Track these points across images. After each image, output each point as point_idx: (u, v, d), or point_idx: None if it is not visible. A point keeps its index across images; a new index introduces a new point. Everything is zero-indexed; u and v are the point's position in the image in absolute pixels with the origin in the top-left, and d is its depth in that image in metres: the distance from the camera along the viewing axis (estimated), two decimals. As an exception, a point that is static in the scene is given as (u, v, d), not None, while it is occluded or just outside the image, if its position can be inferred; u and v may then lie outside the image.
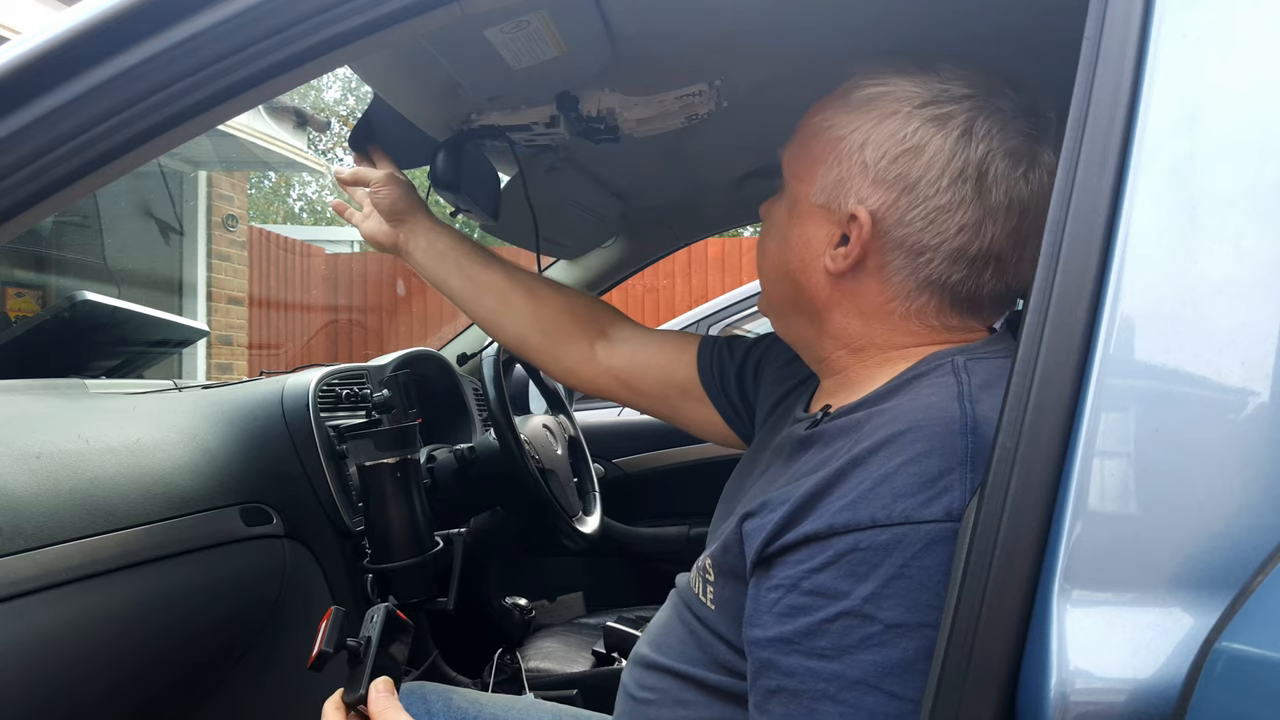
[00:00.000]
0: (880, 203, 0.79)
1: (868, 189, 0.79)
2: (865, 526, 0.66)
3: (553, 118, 1.18)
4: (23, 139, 0.71)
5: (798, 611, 0.68)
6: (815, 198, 0.83)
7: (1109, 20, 0.60)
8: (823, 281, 0.83)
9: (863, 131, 0.80)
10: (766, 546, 0.72)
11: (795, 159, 0.88)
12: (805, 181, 0.85)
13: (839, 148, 0.81)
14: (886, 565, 0.65)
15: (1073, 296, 0.58)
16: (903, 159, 0.78)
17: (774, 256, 0.89)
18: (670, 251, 2.28)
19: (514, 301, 1.18)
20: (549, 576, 2.34)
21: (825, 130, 0.84)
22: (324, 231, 13.41)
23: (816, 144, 0.84)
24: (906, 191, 0.78)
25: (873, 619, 0.65)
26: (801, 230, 0.85)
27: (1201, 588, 0.55)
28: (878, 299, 0.81)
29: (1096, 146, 0.59)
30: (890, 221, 0.79)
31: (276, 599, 1.31)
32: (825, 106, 0.86)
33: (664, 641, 0.88)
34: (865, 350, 0.84)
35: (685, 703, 0.83)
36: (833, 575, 0.67)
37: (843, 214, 0.81)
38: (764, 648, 0.70)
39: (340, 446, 1.46)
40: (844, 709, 0.66)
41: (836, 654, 0.66)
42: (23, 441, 1.01)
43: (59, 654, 0.96)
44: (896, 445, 0.69)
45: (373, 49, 0.74)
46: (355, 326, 8.81)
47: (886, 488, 0.67)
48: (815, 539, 0.68)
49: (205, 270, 6.52)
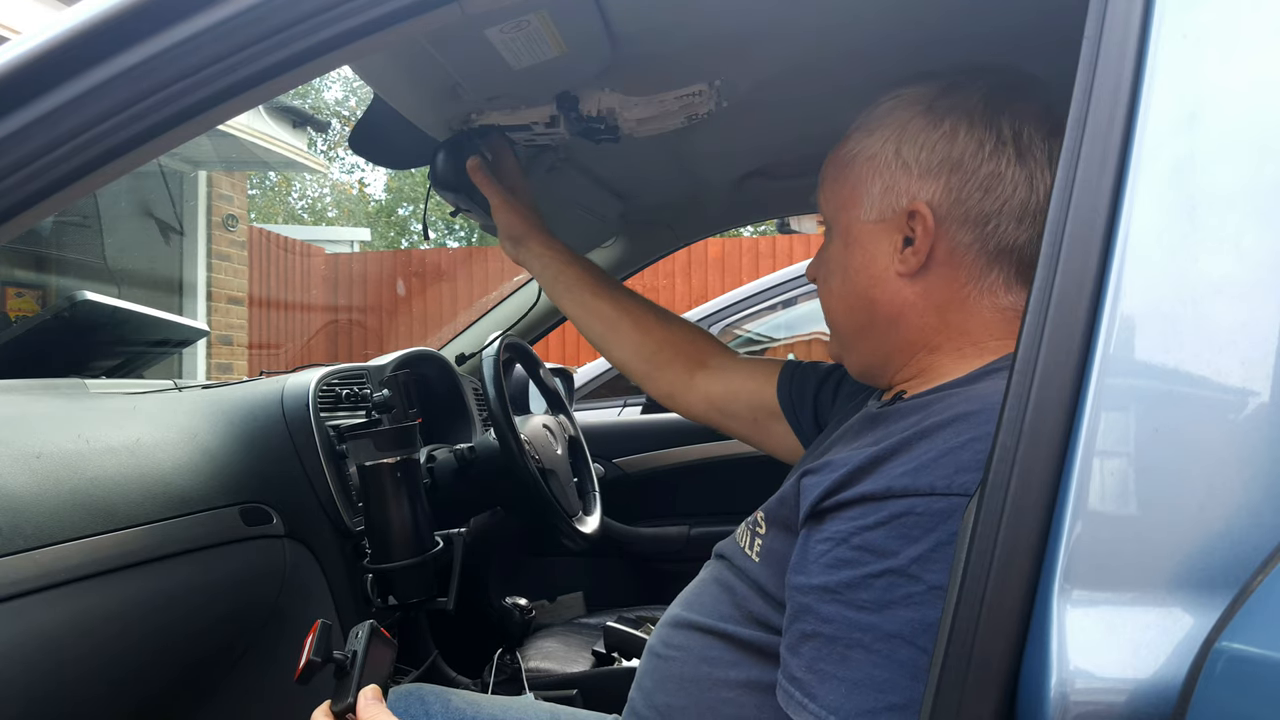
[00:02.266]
0: (933, 191, 0.82)
1: (916, 184, 0.83)
2: (924, 493, 0.69)
3: (553, 118, 1.18)
4: (23, 139, 0.71)
5: (844, 564, 0.70)
6: (867, 216, 0.86)
7: (1109, 20, 0.60)
8: (897, 288, 0.86)
9: (892, 140, 0.84)
10: (822, 500, 0.74)
11: (833, 196, 0.91)
12: (851, 208, 0.88)
13: (874, 164, 0.85)
14: (939, 531, 0.67)
15: (1073, 296, 0.58)
16: (940, 145, 0.82)
17: (839, 290, 0.91)
18: (670, 251, 2.28)
19: (620, 330, 1.25)
20: (549, 576, 2.34)
21: (854, 157, 0.88)
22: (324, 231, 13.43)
23: (850, 173, 0.88)
24: (955, 171, 0.81)
25: (917, 579, 0.67)
26: (862, 251, 0.87)
27: (1201, 588, 0.55)
28: (951, 286, 0.84)
29: (1096, 146, 0.59)
30: (949, 203, 0.82)
31: (276, 599, 1.31)
32: (845, 144, 0.90)
33: (696, 601, 0.90)
34: (942, 347, 0.86)
35: (711, 660, 0.84)
36: (884, 534, 0.69)
37: (899, 217, 0.84)
38: (806, 594, 0.72)
39: (340, 446, 1.46)
40: (876, 658, 0.67)
41: (877, 608, 0.68)
42: (23, 441, 1.01)
43: (59, 654, 0.96)
44: (967, 422, 0.72)
45: (373, 49, 0.75)
46: (355, 326, 8.81)
47: (950, 460, 0.69)
48: (872, 498, 0.71)
49: (205, 270, 6.52)
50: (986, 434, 0.69)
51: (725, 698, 0.82)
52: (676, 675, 0.86)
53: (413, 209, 18.11)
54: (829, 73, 1.22)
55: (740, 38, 1.10)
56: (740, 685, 0.81)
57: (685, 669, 0.86)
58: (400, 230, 18.38)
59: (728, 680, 0.82)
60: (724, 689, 0.82)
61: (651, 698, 0.88)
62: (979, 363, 0.82)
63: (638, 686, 0.91)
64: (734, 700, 0.81)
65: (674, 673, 0.87)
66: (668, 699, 0.86)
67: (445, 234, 15.83)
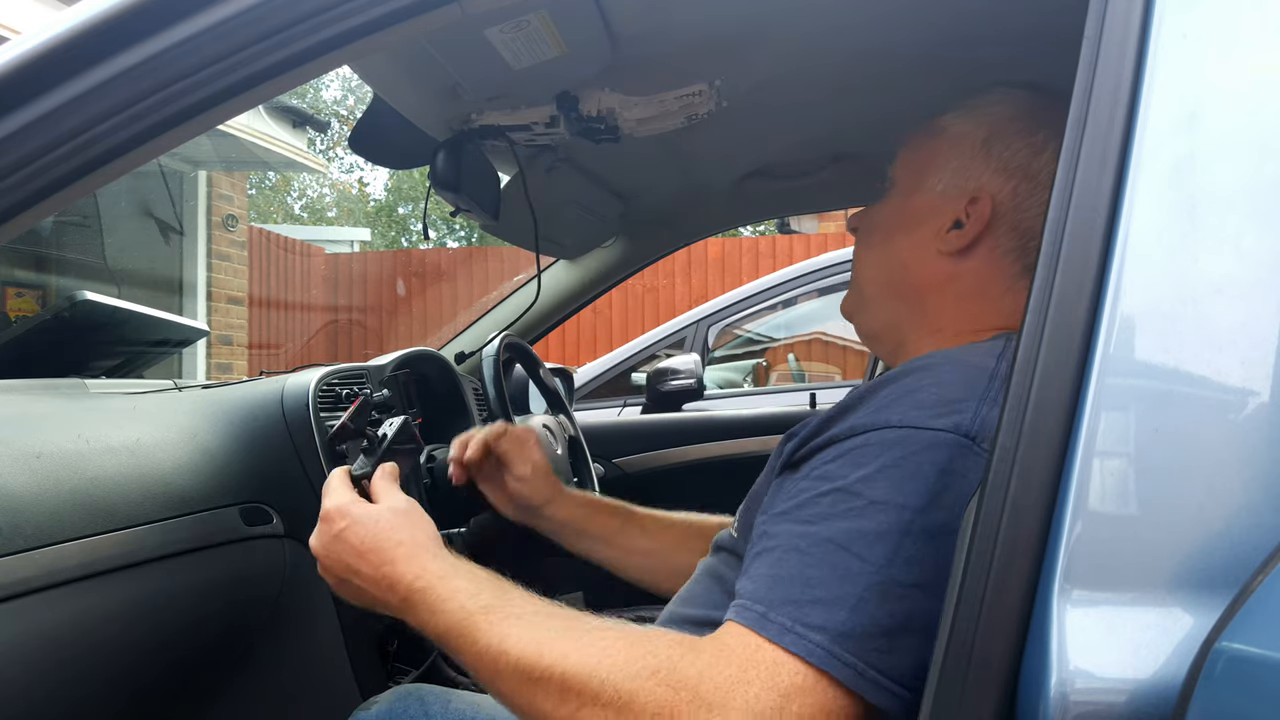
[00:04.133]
0: (1002, 188, 0.85)
1: (990, 175, 0.86)
2: (879, 426, 0.72)
3: (553, 118, 1.18)
4: (24, 138, 0.71)
5: (800, 493, 0.73)
6: (933, 187, 0.89)
7: (1109, 20, 0.60)
8: (932, 262, 0.89)
9: (984, 127, 0.87)
10: (798, 450, 0.77)
11: (909, 159, 0.94)
12: (921, 175, 0.91)
13: (960, 143, 0.88)
14: (885, 456, 0.71)
15: (1073, 296, 0.58)
16: (1024, 152, 0.85)
17: (878, 246, 0.95)
18: (670, 251, 2.28)
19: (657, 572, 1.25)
20: (549, 576, 2.34)
21: (943, 131, 0.91)
22: (324, 231, 13.43)
23: (935, 143, 0.91)
24: (1026, 180, 0.85)
25: (858, 495, 0.70)
26: (914, 218, 0.91)
27: (1201, 588, 0.55)
28: (981, 279, 0.87)
29: (1096, 146, 0.59)
30: (1009, 206, 0.85)
31: (276, 599, 1.31)
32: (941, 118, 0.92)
33: (689, 595, 0.93)
34: (945, 330, 0.89)
35: None
36: (839, 464, 0.73)
37: (960, 199, 0.87)
38: (765, 523, 0.75)
39: (340, 446, 1.46)
40: (807, 559, 0.69)
41: (818, 520, 0.71)
42: (23, 441, 1.01)
43: (59, 654, 0.96)
44: (929, 372, 0.76)
45: (373, 49, 0.75)
46: (355, 326, 8.81)
47: (909, 399, 0.73)
48: (838, 439, 0.74)
49: (205, 270, 6.52)
50: (943, 380, 0.74)
51: None
52: None
53: (413, 209, 18.12)
54: (829, 73, 1.22)
55: (740, 38, 1.10)
56: None
57: None
58: (400, 230, 18.38)
59: None
60: None
61: None
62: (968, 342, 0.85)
63: None
64: None
65: None
66: None
67: (445, 234, 15.84)
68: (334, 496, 0.91)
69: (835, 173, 1.64)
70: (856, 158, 1.57)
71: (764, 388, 5.02)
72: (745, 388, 4.92)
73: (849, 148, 1.53)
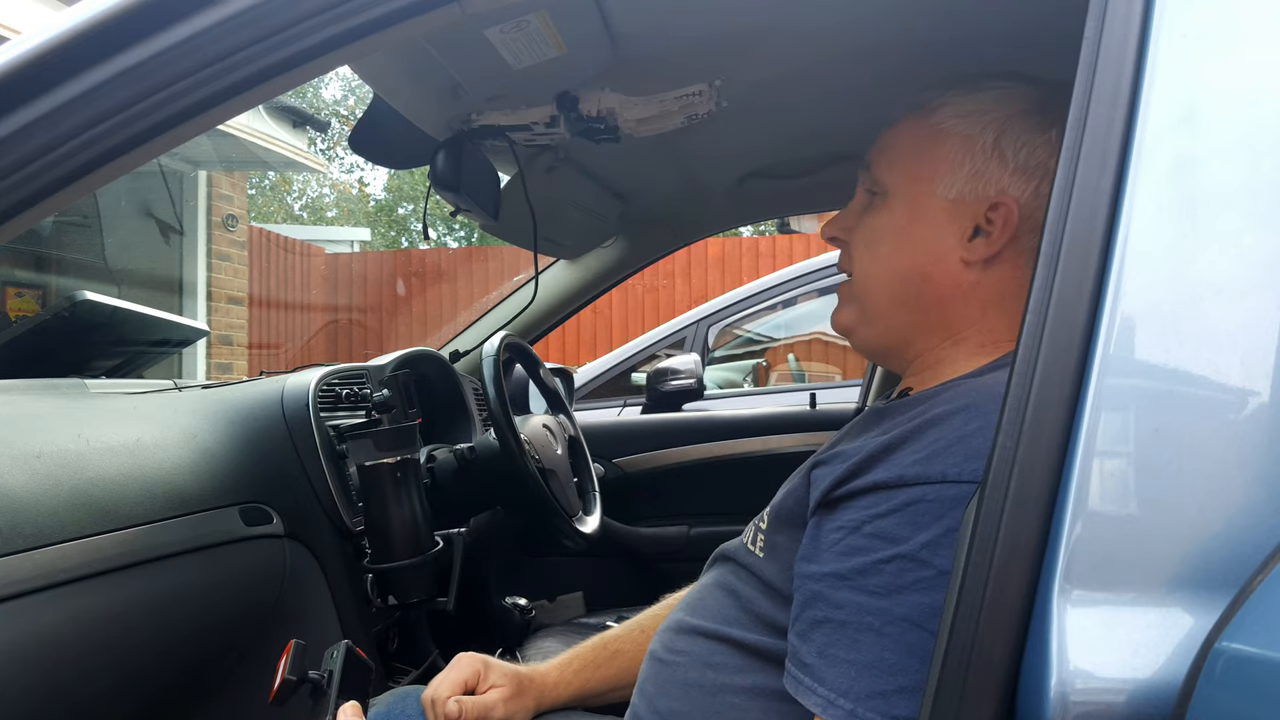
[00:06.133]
0: (1024, 190, 0.82)
1: (1009, 179, 0.83)
2: (935, 480, 0.69)
3: (553, 118, 1.18)
4: (23, 138, 0.71)
5: (856, 551, 0.71)
6: (945, 194, 0.85)
7: (1109, 20, 0.60)
8: (957, 272, 0.85)
9: (993, 128, 0.84)
10: (833, 490, 0.74)
11: (906, 164, 0.88)
12: (928, 181, 0.86)
13: (970, 146, 0.84)
14: (948, 518, 0.68)
15: (1073, 296, 0.58)
16: (1041, 150, 0.82)
17: (889, 257, 0.88)
18: (670, 251, 2.28)
19: None
20: (549, 576, 2.34)
21: (946, 134, 0.86)
22: (324, 231, 13.43)
23: (939, 147, 0.86)
24: (1047, 179, 0.82)
25: (927, 564, 0.68)
26: (931, 227, 0.86)
27: (1201, 588, 0.55)
28: (1008, 286, 0.84)
29: (1096, 146, 0.59)
30: (1034, 207, 0.82)
31: (276, 599, 1.31)
32: (934, 117, 0.87)
33: (700, 605, 0.90)
34: (967, 340, 0.86)
35: (716, 665, 0.83)
36: (895, 521, 0.69)
37: (979, 205, 0.84)
38: (817, 581, 0.72)
39: (340, 446, 1.46)
40: (885, 641, 0.68)
41: (887, 593, 0.68)
42: (23, 441, 1.01)
43: (58, 654, 0.95)
44: (977, 411, 0.72)
45: (373, 49, 0.74)
46: (355, 326, 8.81)
47: (961, 447, 0.70)
48: (884, 487, 0.71)
49: (205, 270, 6.52)
50: (994, 423, 0.69)
51: (731, 703, 0.81)
52: (680, 680, 0.86)
53: (413, 209, 18.11)
54: (829, 73, 1.22)
55: (740, 38, 1.10)
56: (747, 691, 0.81)
57: (689, 674, 0.85)
58: (400, 230, 18.38)
59: (734, 686, 0.82)
60: (730, 694, 0.82)
61: (654, 703, 0.87)
62: (991, 358, 0.83)
63: (640, 692, 0.91)
64: (740, 705, 0.81)
65: (678, 678, 0.86)
66: (671, 704, 0.85)
67: (445, 234, 15.83)
68: None
69: (835, 173, 1.64)
70: (856, 158, 1.56)
71: (764, 388, 5.02)
72: (745, 388, 4.93)
73: (849, 148, 1.53)
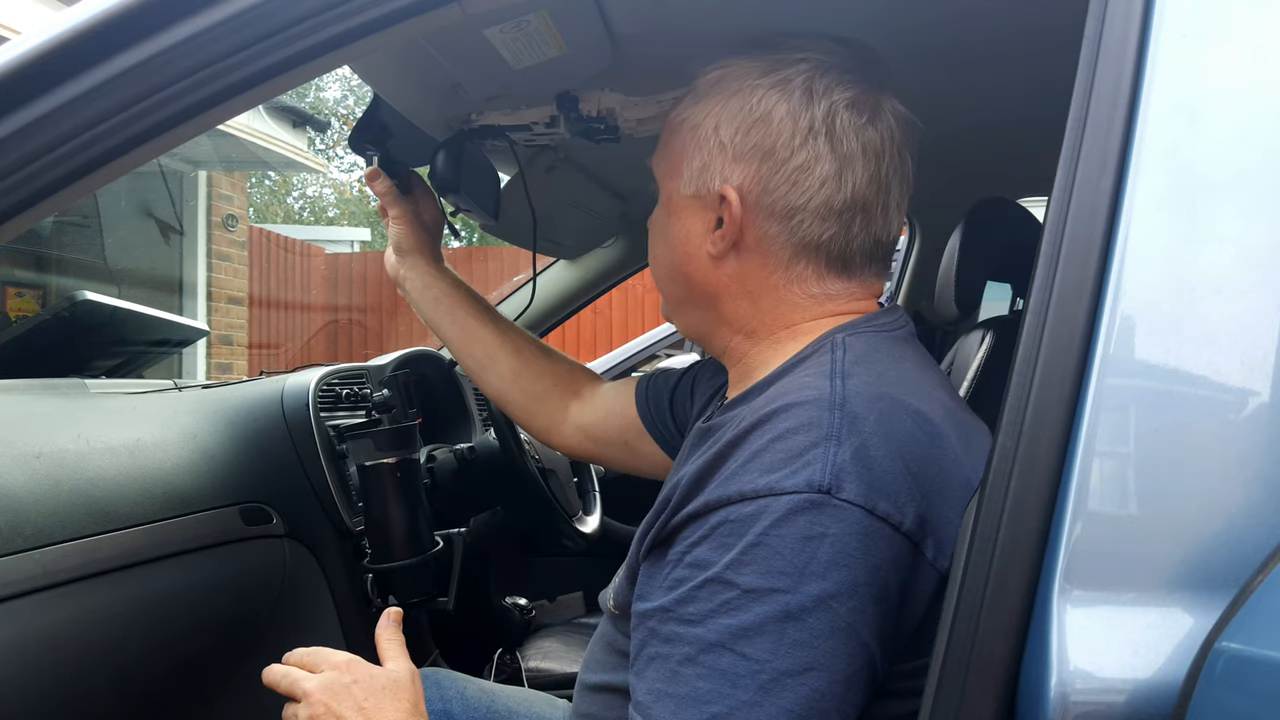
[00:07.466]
0: (744, 177, 0.81)
1: (729, 167, 0.82)
2: (734, 500, 0.69)
3: (553, 118, 1.18)
4: (24, 138, 0.71)
5: (679, 582, 0.71)
6: (685, 189, 0.86)
7: (1109, 20, 0.60)
8: (709, 268, 0.86)
9: (714, 115, 0.83)
10: (661, 530, 0.75)
11: (661, 160, 0.91)
12: (674, 178, 0.88)
13: (696, 136, 0.84)
14: (749, 534, 0.67)
15: (1073, 296, 0.58)
16: (755, 130, 0.81)
17: (662, 258, 0.92)
18: (670, 251, 2.27)
19: (500, 358, 1.23)
20: (549, 576, 2.34)
21: (682, 125, 0.87)
22: (324, 231, 13.42)
23: (677, 140, 0.87)
24: (765, 159, 0.80)
25: (732, 584, 0.67)
26: (680, 224, 0.87)
27: (1201, 588, 0.55)
28: (760, 274, 0.84)
29: (1096, 146, 0.59)
30: (757, 192, 0.81)
31: (277, 599, 1.31)
32: (679, 105, 0.89)
33: (591, 661, 0.91)
34: (758, 333, 0.86)
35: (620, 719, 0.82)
36: (707, 548, 0.70)
37: (712, 198, 0.83)
38: (649, 618, 0.73)
39: (340, 446, 1.46)
40: (700, 670, 0.68)
41: (700, 619, 0.68)
42: (23, 441, 1.01)
43: (58, 653, 0.96)
44: (769, 424, 0.71)
45: (373, 49, 0.74)
46: (355, 326, 8.81)
47: (755, 464, 0.70)
48: (696, 516, 0.71)
49: (205, 270, 6.52)
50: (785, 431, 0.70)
51: None
52: None
53: (412, 209, 18.04)
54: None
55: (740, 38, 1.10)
56: None
57: None
58: (400, 230, 18.30)
59: None
60: None
61: None
62: (794, 349, 0.82)
63: None
64: None
65: None
66: None
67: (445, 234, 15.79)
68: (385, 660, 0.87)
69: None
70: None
71: (764, 388, 5.00)
72: (745, 388, 4.91)
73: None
